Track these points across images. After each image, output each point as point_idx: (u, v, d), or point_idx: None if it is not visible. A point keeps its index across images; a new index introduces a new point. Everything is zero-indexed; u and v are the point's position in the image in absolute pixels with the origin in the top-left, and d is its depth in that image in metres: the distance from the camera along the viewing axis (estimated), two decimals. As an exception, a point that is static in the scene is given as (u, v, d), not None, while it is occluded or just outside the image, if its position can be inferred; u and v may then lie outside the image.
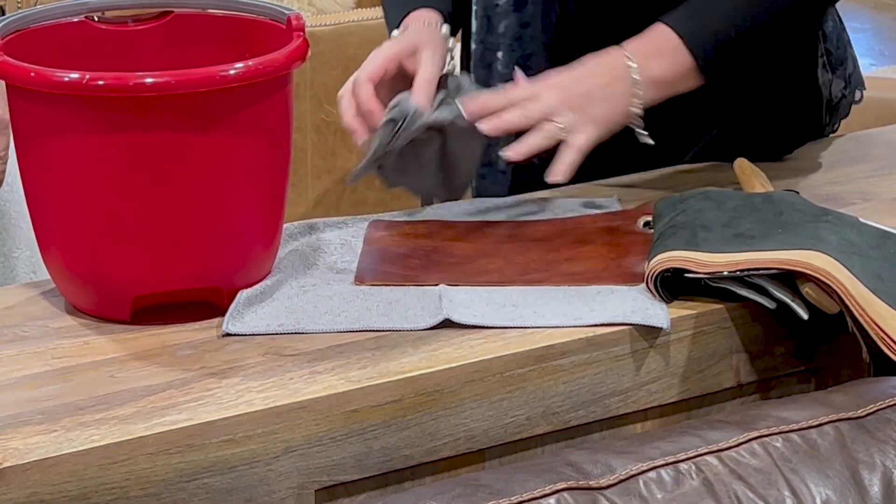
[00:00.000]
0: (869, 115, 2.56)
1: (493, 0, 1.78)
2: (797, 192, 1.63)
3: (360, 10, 3.52)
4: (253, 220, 1.45)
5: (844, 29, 1.92)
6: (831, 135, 1.93)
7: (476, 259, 1.56)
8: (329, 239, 1.60)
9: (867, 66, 5.53)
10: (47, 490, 1.21)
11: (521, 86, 1.60)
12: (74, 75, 1.35)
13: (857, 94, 1.93)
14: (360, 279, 1.51)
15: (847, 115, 1.93)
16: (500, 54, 1.78)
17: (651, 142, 1.59)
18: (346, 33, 3.33)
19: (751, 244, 1.47)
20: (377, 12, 3.39)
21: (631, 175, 1.78)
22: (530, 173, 1.83)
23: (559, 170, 1.57)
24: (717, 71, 1.61)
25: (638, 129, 1.60)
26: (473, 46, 1.81)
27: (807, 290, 1.42)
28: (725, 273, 1.44)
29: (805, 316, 1.42)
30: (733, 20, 1.61)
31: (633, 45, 1.61)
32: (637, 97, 1.59)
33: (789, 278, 1.43)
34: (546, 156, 1.60)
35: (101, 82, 1.35)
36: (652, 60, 1.60)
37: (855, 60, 1.93)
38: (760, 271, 1.43)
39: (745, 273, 1.43)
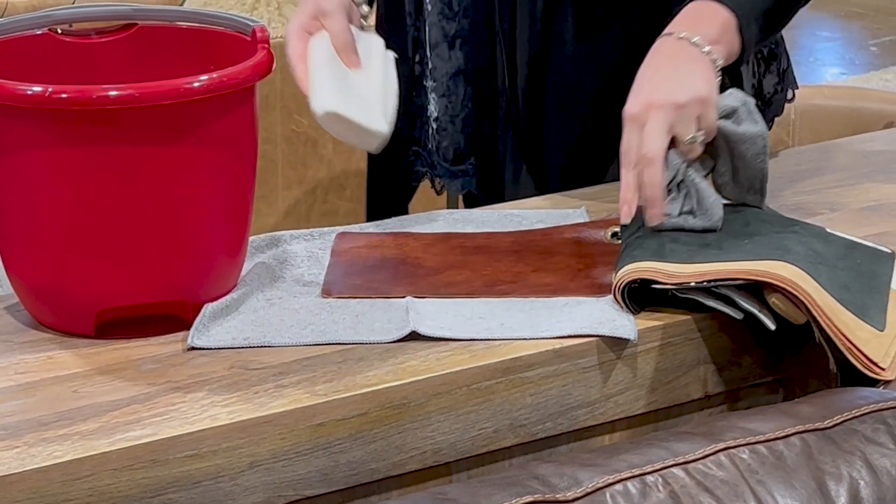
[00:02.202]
0: (838, 125, 2.57)
1: None
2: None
3: (330, 20, 3.51)
4: (218, 233, 1.45)
5: None
6: (781, 140, 1.93)
7: (443, 271, 1.55)
8: (296, 251, 1.60)
9: (837, 75, 5.57)
10: (10, 507, 1.21)
11: (628, 131, 1.52)
12: (37, 88, 1.34)
13: (790, 93, 1.93)
14: (326, 292, 1.51)
15: (781, 113, 1.92)
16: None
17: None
18: (317, 44, 3.32)
19: (718, 255, 1.46)
20: (347, 23, 3.38)
21: (598, 186, 1.78)
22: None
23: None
24: (751, 24, 1.59)
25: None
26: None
27: (774, 300, 1.42)
28: (693, 284, 1.43)
29: (772, 326, 1.42)
30: None
31: (672, 26, 1.58)
32: (708, 53, 1.55)
33: (756, 289, 1.43)
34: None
35: (64, 95, 1.34)
36: (698, 25, 1.57)
37: (788, 58, 1.93)
38: (728, 282, 1.43)
39: (713, 284, 1.43)
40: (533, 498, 1.15)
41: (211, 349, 1.39)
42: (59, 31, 1.53)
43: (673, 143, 1.51)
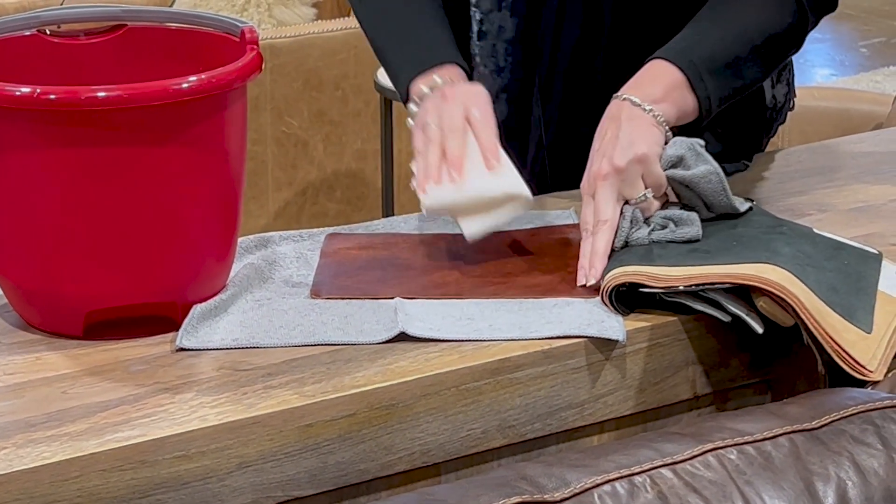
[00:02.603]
0: (827, 126, 2.58)
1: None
2: (752, 201, 1.63)
3: (320, 22, 3.52)
4: (207, 234, 1.45)
5: None
6: (771, 142, 1.94)
7: (432, 272, 1.55)
8: (285, 252, 1.60)
9: (827, 77, 5.58)
10: (-2, 508, 1.21)
11: (584, 205, 1.56)
12: (26, 89, 1.34)
13: (791, 102, 1.94)
14: (315, 293, 1.51)
15: (784, 121, 1.94)
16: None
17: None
18: (307, 45, 3.33)
19: (706, 259, 1.47)
20: (337, 24, 3.39)
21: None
22: None
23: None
24: (706, 80, 1.61)
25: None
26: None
27: (762, 303, 1.42)
28: (681, 288, 1.43)
29: (760, 330, 1.42)
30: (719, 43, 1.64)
31: (621, 89, 1.61)
32: (652, 113, 1.58)
33: (745, 291, 1.43)
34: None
35: (52, 96, 1.34)
36: (642, 86, 1.60)
37: (793, 67, 1.94)
38: (716, 285, 1.43)
39: (700, 287, 1.43)
40: (521, 498, 1.15)
41: (200, 350, 1.39)
42: (48, 32, 1.53)
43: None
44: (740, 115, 1.78)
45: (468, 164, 1.53)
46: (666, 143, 1.58)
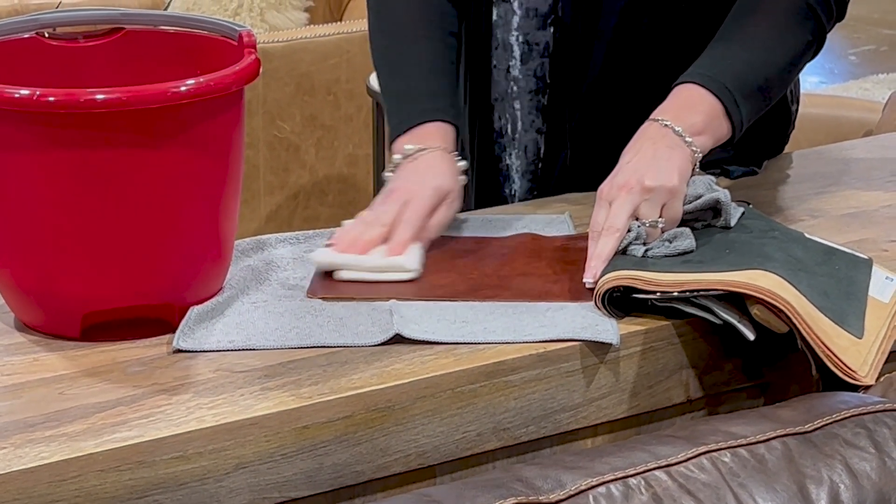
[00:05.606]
0: (818, 133, 2.59)
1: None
2: (748, 204, 1.64)
3: (312, 27, 3.53)
4: (204, 237, 1.45)
5: None
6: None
7: (428, 274, 1.56)
8: (281, 254, 1.61)
9: (817, 84, 5.60)
10: (-4, 508, 1.21)
11: (598, 208, 1.56)
12: (24, 91, 1.35)
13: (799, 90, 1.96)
14: (311, 295, 1.51)
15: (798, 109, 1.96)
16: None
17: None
18: (299, 50, 3.34)
19: (699, 266, 1.47)
20: (329, 29, 3.40)
21: (584, 192, 1.79)
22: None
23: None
24: (740, 106, 1.63)
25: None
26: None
27: (755, 311, 1.42)
28: (675, 293, 1.44)
29: (751, 337, 1.42)
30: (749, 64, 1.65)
31: (660, 112, 1.61)
32: (692, 147, 1.58)
33: (738, 298, 1.44)
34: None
35: (51, 98, 1.34)
36: (683, 113, 1.60)
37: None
38: (709, 292, 1.44)
39: (693, 294, 1.44)
40: (517, 500, 1.15)
41: (196, 352, 1.40)
42: (47, 35, 1.53)
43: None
44: (764, 117, 1.77)
45: (374, 250, 1.57)
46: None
